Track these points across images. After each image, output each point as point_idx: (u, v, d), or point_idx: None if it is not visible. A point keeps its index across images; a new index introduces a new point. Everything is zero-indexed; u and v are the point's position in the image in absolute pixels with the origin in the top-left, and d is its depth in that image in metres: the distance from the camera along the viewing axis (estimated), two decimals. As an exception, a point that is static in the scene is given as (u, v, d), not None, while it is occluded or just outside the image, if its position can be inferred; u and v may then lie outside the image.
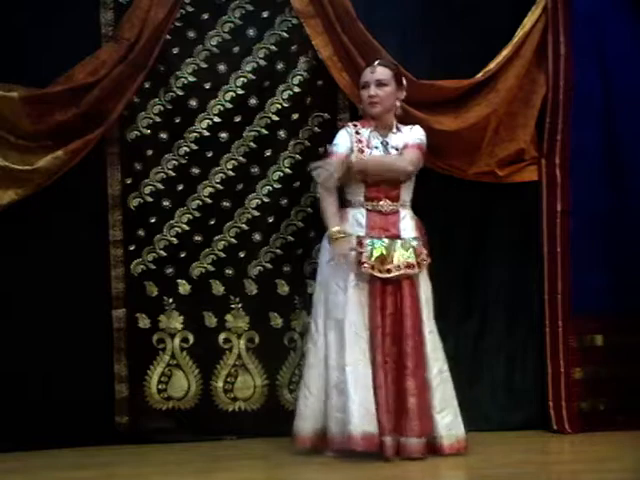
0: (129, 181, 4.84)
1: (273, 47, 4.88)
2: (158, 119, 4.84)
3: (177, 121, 4.85)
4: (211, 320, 4.91)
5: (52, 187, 4.67)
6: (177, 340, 4.91)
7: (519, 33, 4.93)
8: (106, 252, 4.82)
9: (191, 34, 4.85)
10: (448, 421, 4.45)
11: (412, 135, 4.61)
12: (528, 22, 4.95)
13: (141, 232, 4.86)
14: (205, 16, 4.86)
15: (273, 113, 4.88)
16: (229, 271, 4.89)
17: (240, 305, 4.92)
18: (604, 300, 5.01)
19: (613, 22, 5.03)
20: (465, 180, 4.98)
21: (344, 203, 4.59)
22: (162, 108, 4.85)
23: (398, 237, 4.50)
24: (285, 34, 4.89)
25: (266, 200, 4.90)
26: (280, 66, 4.89)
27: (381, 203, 4.53)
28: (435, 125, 4.84)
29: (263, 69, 4.87)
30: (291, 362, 4.94)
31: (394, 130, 4.61)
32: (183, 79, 4.84)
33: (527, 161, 5.05)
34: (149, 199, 4.86)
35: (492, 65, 4.91)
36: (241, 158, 4.88)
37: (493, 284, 5.09)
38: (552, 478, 4.30)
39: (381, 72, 4.55)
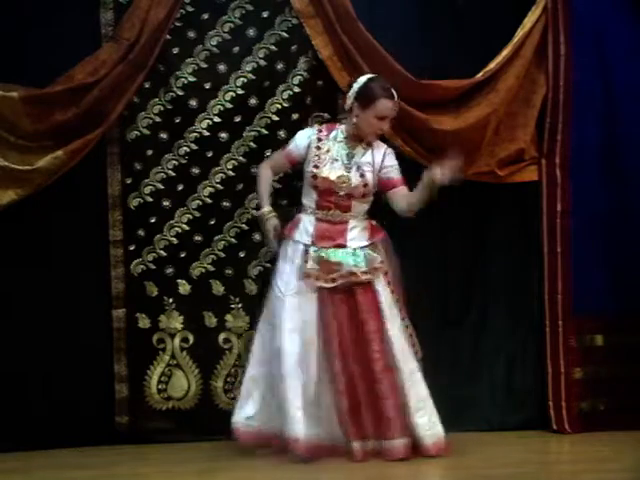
0: (129, 181, 4.84)
1: (273, 47, 4.88)
2: (158, 119, 4.85)
3: (177, 121, 4.85)
4: (211, 320, 4.91)
5: (52, 187, 4.67)
6: (177, 340, 4.91)
7: (519, 33, 4.93)
8: (106, 252, 4.82)
9: (191, 34, 4.85)
10: (425, 421, 4.45)
11: (393, 166, 4.58)
12: (528, 22, 4.95)
13: (141, 232, 4.86)
14: (205, 16, 4.86)
15: (273, 113, 4.88)
16: (229, 271, 4.89)
17: (240, 305, 4.92)
18: (604, 300, 5.01)
19: (613, 22, 5.03)
20: (465, 180, 4.97)
21: (300, 210, 4.62)
22: (162, 108, 4.85)
23: (344, 246, 4.51)
24: (285, 34, 4.89)
25: (266, 200, 4.91)
26: (280, 66, 4.89)
27: (331, 212, 4.53)
28: (435, 125, 4.84)
29: (263, 69, 4.87)
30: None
31: (364, 145, 4.57)
32: (183, 79, 4.84)
33: (527, 161, 5.05)
34: (149, 199, 4.86)
35: (492, 65, 4.90)
36: (241, 158, 4.89)
37: (493, 284, 5.09)
38: (552, 478, 4.30)
39: (397, 108, 4.51)
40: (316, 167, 4.52)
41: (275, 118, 4.88)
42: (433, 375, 4.94)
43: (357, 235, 4.54)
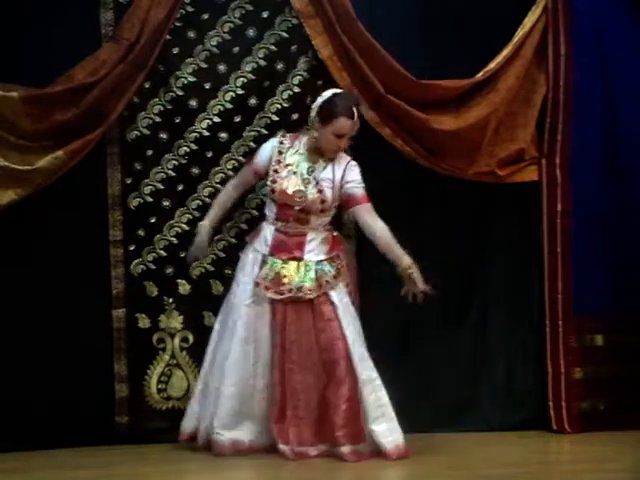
0: (129, 181, 4.84)
1: (273, 47, 4.88)
2: (158, 119, 4.84)
3: (177, 121, 4.85)
4: (211, 320, 4.89)
5: (52, 187, 4.67)
6: (177, 340, 4.91)
7: (519, 33, 4.93)
8: (106, 252, 4.82)
9: (191, 34, 4.85)
10: (384, 428, 4.42)
11: (355, 181, 4.54)
12: (528, 22, 4.95)
13: (141, 232, 4.86)
14: (205, 16, 4.86)
15: (273, 113, 4.88)
16: (229, 271, 4.88)
17: (240, 305, 4.92)
18: (604, 300, 5.01)
19: (613, 22, 5.03)
20: (465, 180, 4.98)
21: (263, 218, 4.67)
22: (162, 108, 4.85)
23: (300, 259, 4.52)
24: (285, 34, 4.89)
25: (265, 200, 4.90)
26: (280, 66, 4.88)
27: (289, 224, 4.54)
28: (435, 125, 4.84)
29: (263, 69, 4.87)
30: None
31: (325, 159, 4.57)
32: (183, 79, 4.84)
33: (527, 161, 5.05)
34: (149, 199, 4.86)
35: (492, 65, 4.90)
36: (241, 158, 4.88)
37: (493, 284, 5.09)
38: (552, 478, 4.31)
39: (357, 124, 4.51)
40: (274, 181, 4.55)
41: (275, 118, 4.88)
42: (433, 375, 4.96)
43: (315, 248, 4.55)
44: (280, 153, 4.58)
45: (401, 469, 4.33)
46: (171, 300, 4.89)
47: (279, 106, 4.87)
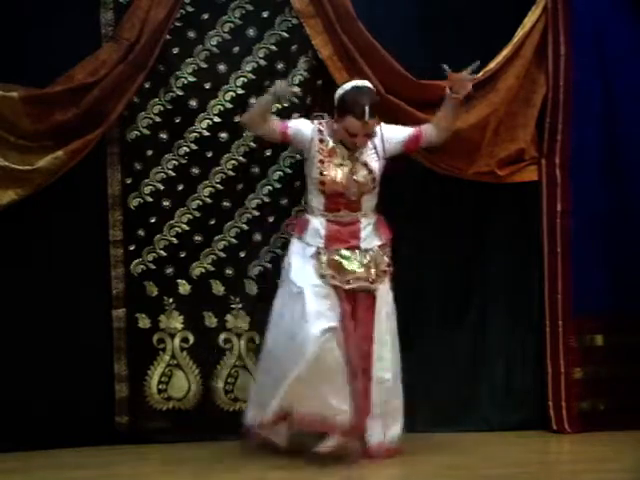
0: (129, 181, 4.84)
1: (273, 47, 4.88)
2: (158, 119, 4.84)
3: (177, 121, 4.85)
4: (211, 320, 4.91)
5: (52, 187, 4.67)
6: (177, 340, 4.91)
7: (519, 33, 4.93)
8: (106, 252, 4.82)
9: (191, 34, 4.85)
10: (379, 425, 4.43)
11: (397, 130, 4.53)
12: (528, 22, 4.95)
13: (141, 232, 4.86)
14: (205, 16, 4.86)
15: (273, 113, 4.87)
16: (229, 271, 4.89)
17: (240, 305, 4.92)
18: (604, 300, 5.01)
19: (613, 22, 5.03)
20: (465, 180, 4.98)
21: (307, 209, 4.60)
22: (162, 108, 4.85)
23: (358, 248, 4.47)
24: (285, 34, 4.89)
25: (266, 200, 4.90)
26: (280, 66, 4.89)
27: (341, 213, 4.49)
28: (435, 125, 4.84)
29: (263, 69, 4.87)
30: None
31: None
32: (183, 79, 4.84)
33: (527, 161, 5.05)
34: (149, 199, 4.86)
35: (492, 65, 4.91)
36: (241, 158, 4.88)
37: (493, 284, 5.09)
38: (552, 478, 4.31)
39: (372, 125, 4.42)
40: (321, 173, 4.47)
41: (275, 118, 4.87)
42: (433, 375, 4.96)
43: (370, 234, 4.50)
44: (321, 141, 4.50)
45: (401, 469, 4.34)
46: (171, 300, 4.89)
47: (279, 106, 4.86)
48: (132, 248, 4.85)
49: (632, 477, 4.15)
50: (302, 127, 4.54)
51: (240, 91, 4.87)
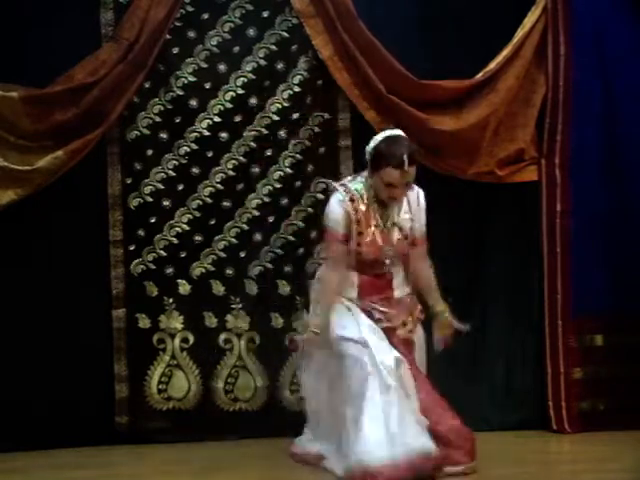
0: (129, 181, 4.84)
1: (273, 47, 4.89)
2: (158, 119, 4.85)
3: (177, 121, 4.85)
4: (211, 320, 4.91)
5: (52, 187, 4.68)
6: (177, 340, 4.91)
7: (519, 33, 4.93)
8: (106, 252, 4.82)
9: (191, 34, 4.86)
10: None
11: (422, 219, 4.31)
12: (528, 22, 4.94)
13: (141, 232, 4.86)
14: (205, 16, 4.86)
15: (273, 113, 4.88)
16: (229, 271, 4.89)
17: (240, 305, 4.92)
18: (604, 300, 5.00)
19: (613, 22, 5.03)
20: (465, 180, 4.98)
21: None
22: (162, 108, 4.85)
23: (391, 298, 4.29)
24: (285, 34, 4.89)
25: (266, 200, 4.90)
26: (280, 66, 4.89)
27: (375, 269, 4.26)
28: (435, 125, 4.84)
29: (263, 69, 4.88)
30: (292, 363, 4.93)
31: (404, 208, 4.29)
32: (183, 79, 4.85)
33: (527, 161, 5.05)
34: (149, 199, 4.86)
35: (492, 65, 4.91)
36: (241, 158, 4.89)
37: (493, 284, 5.08)
38: (552, 478, 4.30)
39: (411, 173, 4.11)
40: (359, 244, 4.19)
41: (275, 118, 4.88)
42: (433, 375, 4.95)
43: (400, 284, 4.32)
44: (355, 211, 4.18)
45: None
46: (171, 300, 4.89)
47: (279, 106, 4.88)
48: (132, 248, 4.85)
49: (632, 477, 4.14)
50: (337, 217, 4.18)
51: (240, 91, 4.87)
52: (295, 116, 4.88)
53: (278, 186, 4.90)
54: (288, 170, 4.90)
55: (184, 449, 4.73)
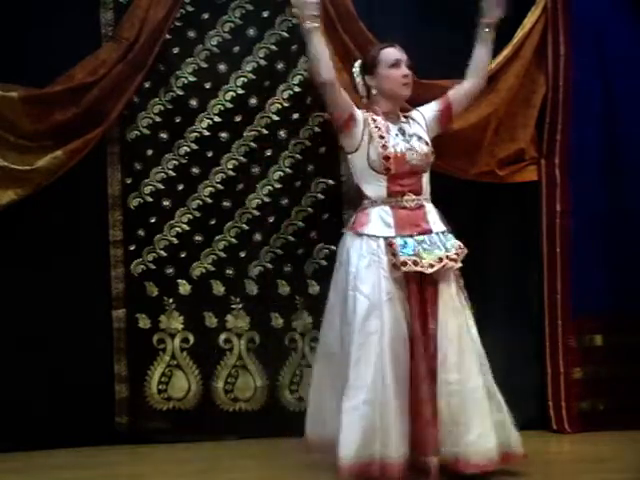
0: (129, 181, 4.84)
1: (273, 47, 4.89)
2: (158, 119, 4.85)
3: (177, 121, 4.85)
4: (211, 320, 4.91)
5: (52, 187, 4.67)
6: (177, 340, 4.91)
7: (519, 33, 4.93)
8: (106, 252, 4.82)
9: (191, 34, 4.85)
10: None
11: (431, 104, 4.42)
12: (528, 22, 4.95)
13: (141, 232, 4.86)
14: (205, 16, 4.86)
15: (273, 113, 4.88)
16: (229, 271, 4.89)
17: (241, 305, 4.92)
18: (604, 300, 5.00)
19: (613, 22, 5.03)
20: (465, 180, 4.98)
21: (364, 204, 4.27)
22: (162, 108, 4.85)
23: (430, 232, 4.21)
24: (285, 34, 4.89)
25: (267, 200, 4.90)
26: (280, 66, 4.89)
27: (405, 198, 4.24)
28: (435, 125, 4.84)
29: (263, 69, 4.87)
30: (292, 363, 4.94)
31: (402, 118, 4.35)
32: (183, 79, 4.85)
33: (527, 161, 5.05)
34: (149, 199, 4.86)
35: (492, 65, 4.90)
36: (241, 158, 4.89)
37: (492, 284, 5.08)
38: (552, 478, 4.30)
39: (406, 58, 4.32)
40: (384, 147, 4.19)
41: (275, 118, 4.88)
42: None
43: (436, 219, 4.26)
44: (374, 120, 4.25)
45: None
46: (171, 300, 4.89)
47: (279, 106, 4.87)
48: (132, 248, 4.85)
49: (632, 477, 4.15)
50: (357, 112, 4.25)
51: (240, 91, 4.87)
52: (295, 116, 4.88)
53: (278, 186, 4.90)
54: (288, 170, 4.90)
55: (184, 449, 4.74)
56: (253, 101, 4.86)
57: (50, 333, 4.73)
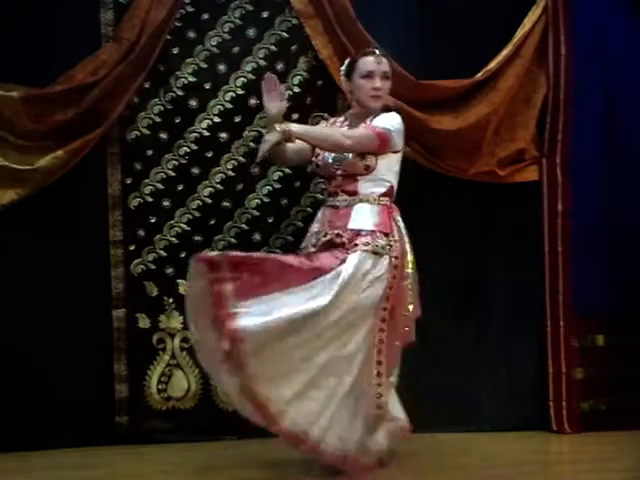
0: (129, 181, 4.84)
1: (273, 47, 4.88)
2: (158, 119, 4.85)
3: (177, 121, 4.85)
4: (211, 320, 4.91)
5: (52, 187, 4.67)
6: (177, 340, 4.91)
7: (519, 33, 4.94)
8: (106, 252, 4.82)
9: (191, 34, 4.85)
10: None
11: (380, 119, 4.24)
12: (528, 22, 4.95)
13: (141, 232, 4.86)
14: (205, 16, 4.86)
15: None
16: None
17: (240, 305, 4.92)
18: (605, 300, 5.00)
19: (613, 22, 5.04)
20: (465, 180, 4.98)
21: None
22: (162, 108, 4.85)
23: (344, 229, 4.19)
24: (285, 34, 4.89)
25: (266, 200, 4.90)
26: (280, 66, 4.88)
27: (338, 198, 4.25)
28: (435, 125, 4.84)
29: (263, 69, 4.86)
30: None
31: (367, 120, 4.28)
32: (183, 79, 4.85)
33: (528, 161, 5.05)
34: (149, 199, 4.86)
35: (492, 65, 4.91)
36: (241, 158, 4.88)
37: (494, 284, 5.08)
38: (552, 478, 4.30)
39: (386, 64, 4.28)
40: (317, 156, 4.34)
41: (275, 118, 4.88)
42: (433, 375, 4.96)
43: (362, 217, 4.18)
44: (332, 125, 4.39)
45: (402, 469, 4.32)
46: (171, 300, 4.88)
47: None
48: (132, 248, 4.85)
49: (632, 477, 4.15)
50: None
51: (240, 91, 4.87)
52: (295, 116, 4.86)
53: (278, 186, 4.90)
54: (288, 170, 4.90)
55: (184, 449, 4.73)
56: (253, 101, 4.86)
57: (50, 333, 4.72)
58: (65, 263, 4.75)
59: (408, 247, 4.26)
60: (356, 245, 4.10)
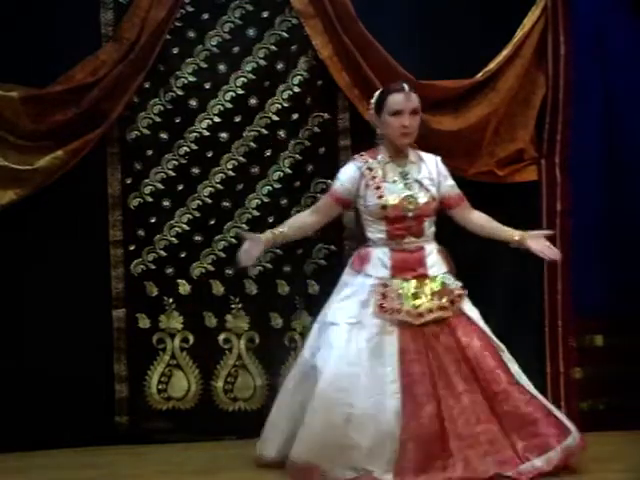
0: (129, 181, 4.84)
1: (273, 47, 4.88)
2: (158, 119, 4.85)
3: (177, 121, 4.85)
4: (211, 320, 4.91)
5: (52, 187, 4.68)
6: (177, 340, 4.91)
7: (519, 33, 4.93)
8: (106, 252, 4.82)
9: (191, 34, 4.85)
10: None
11: (448, 177, 4.41)
12: (528, 22, 4.94)
13: (141, 232, 4.86)
14: (205, 16, 4.86)
15: (273, 113, 4.88)
16: (229, 271, 4.89)
17: (240, 305, 4.92)
18: (604, 300, 5.00)
19: (613, 22, 5.03)
20: (465, 180, 4.97)
21: (367, 242, 4.38)
22: (162, 108, 4.85)
23: (425, 276, 4.28)
24: (285, 34, 4.89)
25: (266, 200, 4.90)
26: (280, 66, 4.88)
27: (405, 240, 4.29)
28: (435, 125, 4.84)
29: (263, 69, 4.87)
30: (291, 362, 4.93)
31: (412, 159, 4.36)
32: (183, 79, 4.85)
33: (527, 161, 5.05)
34: (149, 199, 4.86)
35: (492, 65, 4.91)
36: (241, 158, 4.89)
37: (492, 284, 5.08)
38: (552, 478, 4.29)
39: (415, 100, 4.27)
40: (380, 197, 4.25)
41: (275, 118, 4.88)
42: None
43: (436, 262, 4.33)
44: (370, 170, 4.29)
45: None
46: (171, 300, 4.89)
47: (279, 106, 4.87)
48: (132, 248, 4.85)
49: (633, 477, 4.15)
50: (343, 179, 4.34)
51: (240, 91, 4.87)
52: (295, 116, 4.88)
53: (278, 186, 4.90)
54: (288, 170, 4.90)
55: (184, 449, 4.74)
56: (253, 101, 4.86)
57: (50, 333, 4.73)
58: (65, 263, 4.76)
59: None
60: (453, 293, 4.32)
